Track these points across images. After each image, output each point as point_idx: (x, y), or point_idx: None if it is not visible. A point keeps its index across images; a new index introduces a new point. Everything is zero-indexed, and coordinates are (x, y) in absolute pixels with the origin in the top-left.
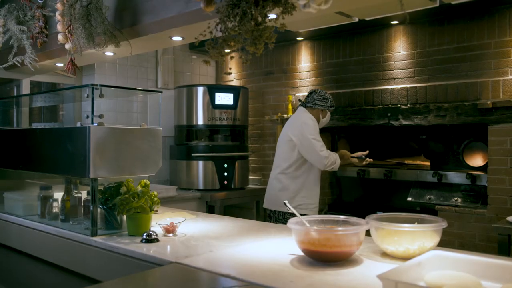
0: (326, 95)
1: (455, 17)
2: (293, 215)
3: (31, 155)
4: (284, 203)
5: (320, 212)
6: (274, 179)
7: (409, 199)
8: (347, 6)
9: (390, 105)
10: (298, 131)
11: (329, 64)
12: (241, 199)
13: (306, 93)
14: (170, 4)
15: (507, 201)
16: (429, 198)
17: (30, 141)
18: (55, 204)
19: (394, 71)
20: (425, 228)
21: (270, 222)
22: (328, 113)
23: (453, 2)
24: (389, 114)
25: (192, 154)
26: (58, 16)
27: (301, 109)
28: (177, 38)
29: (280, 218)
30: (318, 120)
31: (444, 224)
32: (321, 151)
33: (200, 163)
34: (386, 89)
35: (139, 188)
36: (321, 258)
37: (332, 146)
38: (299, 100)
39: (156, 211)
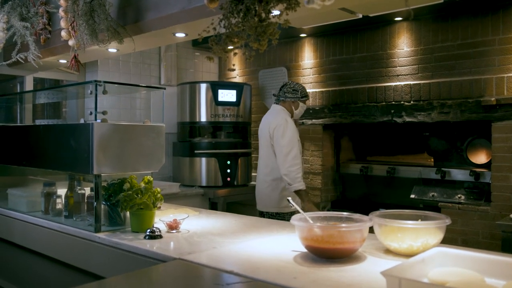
0: (296, 87)
1: (459, 13)
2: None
3: (34, 152)
4: (288, 200)
5: (323, 209)
6: (264, 180)
7: (412, 196)
8: (350, 2)
9: (393, 102)
10: (276, 134)
11: (333, 60)
12: (244, 195)
13: (309, 90)
14: (173, 1)
15: (511, 198)
16: (432, 195)
17: (33, 138)
18: (58, 200)
19: (398, 67)
20: (428, 225)
21: None
22: (301, 104)
23: None
24: (392, 111)
25: (195, 151)
26: (61, 13)
27: (275, 107)
28: (180, 35)
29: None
30: (292, 113)
31: (448, 221)
32: (291, 165)
33: (203, 159)
34: (390, 86)
35: (143, 184)
36: (324, 254)
37: (336, 143)
38: (273, 95)
39: (159, 207)
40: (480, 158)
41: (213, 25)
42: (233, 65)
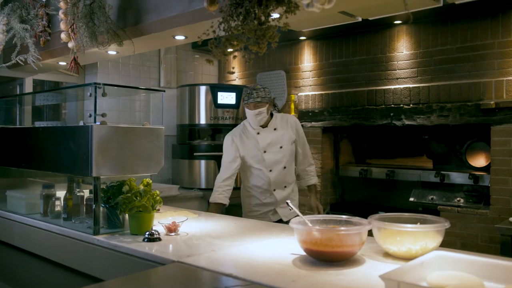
0: (248, 90)
1: (459, 17)
2: None
3: (33, 154)
4: (287, 203)
5: (323, 212)
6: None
7: (411, 199)
8: (350, 6)
9: (392, 105)
10: None
11: (332, 63)
12: None
13: (309, 93)
14: (173, 3)
15: (510, 201)
16: (432, 199)
17: (32, 140)
18: (57, 202)
19: (397, 71)
20: (427, 228)
21: None
22: (246, 110)
23: (456, 2)
24: (391, 114)
25: (195, 153)
26: (61, 15)
27: None
28: (180, 37)
29: None
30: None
31: (447, 225)
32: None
33: (202, 162)
34: (389, 89)
35: (142, 187)
36: (323, 258)
37: (335, 146)
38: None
39: (158, 210)
40: (479, 161)
41: (212, 28)
42: (233, 68)
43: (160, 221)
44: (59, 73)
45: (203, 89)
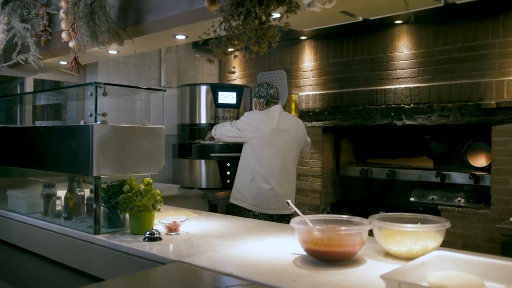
0: None
1: (460, 16)
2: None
3: (34, 153)
4: (287, 203)
5: (323, 211)
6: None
7: (411, 199)
8: (351, 5)
9: (393, 105)
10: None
11: (333, 63)
12: None
13: (309, 93)
14: (174, 3)
15: (511, 201)
16: (432, 198)
17: (33, 139)
18: (58, 202)
19: (398, 70)
20: (428, 228)
21: None
22: None
23: (457, 2)
24: (392, 114)
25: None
26: (62, 14)
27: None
28: (180, 37)
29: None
30: None
31: (447, 225)
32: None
33: (203, 162)
34: (390, 88)
35: (142, 186)
36: (324, 257)
37: (336, 146)
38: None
39: (159, 209)
40: (480, 161)
41: (213, 27)
42: (233, 67)
43: (160, 221)
44: (60, 72)
45: (203, 88)
